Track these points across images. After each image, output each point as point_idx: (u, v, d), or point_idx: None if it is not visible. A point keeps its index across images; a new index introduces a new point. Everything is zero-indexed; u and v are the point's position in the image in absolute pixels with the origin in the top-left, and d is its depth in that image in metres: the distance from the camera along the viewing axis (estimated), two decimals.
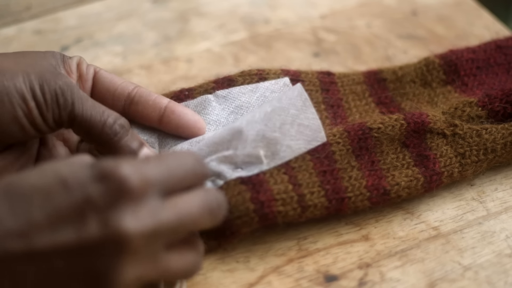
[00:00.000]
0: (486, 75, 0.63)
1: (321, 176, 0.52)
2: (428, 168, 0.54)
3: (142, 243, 0.40)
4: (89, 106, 0.51)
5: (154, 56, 0.71)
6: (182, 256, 0.44)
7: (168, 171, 0.43)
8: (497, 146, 0.56)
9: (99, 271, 0.40)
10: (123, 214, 0.40)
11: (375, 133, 0.55)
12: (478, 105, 0.58)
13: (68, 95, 0.50)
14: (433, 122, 0.56)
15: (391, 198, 0.53)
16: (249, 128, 0.52)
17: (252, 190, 0.51)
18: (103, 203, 0.40)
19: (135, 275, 0.41)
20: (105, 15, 0.76)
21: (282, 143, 0.52)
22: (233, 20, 0.75)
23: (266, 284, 0.50)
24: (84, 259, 0.40)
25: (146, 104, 0.55)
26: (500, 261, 0.51)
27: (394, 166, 0.54)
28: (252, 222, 0.50)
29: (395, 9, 0.77)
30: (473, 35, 0.71)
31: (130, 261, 0.40)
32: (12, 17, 0.76)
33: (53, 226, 0.39)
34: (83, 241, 0.39)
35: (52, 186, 0.40)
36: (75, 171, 0.41)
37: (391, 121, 0.55)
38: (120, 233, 0.39)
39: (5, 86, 0.48)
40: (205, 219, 0.44)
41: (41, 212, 0.40)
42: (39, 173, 0.41)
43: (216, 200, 0.44)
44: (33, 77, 0.49)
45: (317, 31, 0.74)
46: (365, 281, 0.50)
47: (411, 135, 0.56)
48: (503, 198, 0.56)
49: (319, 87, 0.60)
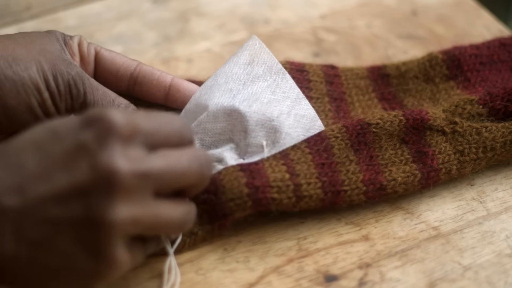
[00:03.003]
0: (489, 71, 0.63)
1: (319, 168, 0.53)
2: (426, 165, 0.54)
3: (133, 183, 0.41)
4: (100, 95, 0.53)
5: (154, 56, 0.71)
6: (174, 205, 0.44)
7: (157, 124, 0.44)
8: (496, 145, 0.56)
9: (94, 213, 0.40)
10: (113, 154, 0.40)
11: (374, 128, 0.55)
12: (479, 103, 0.58)
13: (80, 86, 0.52)
14: (433, 119, 0.56)
15: (387, 193, 0.54)
16: (248, 118, 0.53)
17: (248, 176, 0.51)
18: (93, 145, 0.40)
19: (129, 215, 0.41)
20: (105, 15, 0.76)
21: (281, 131, 0.53)
22: (233, 20, 0.75)
23: (266, 284, 0.50)
24: (79, 203, 0.40)
25: (150, 84, 0.56)
26: (500, 261, 0.51)
27: (392, 162, 0.54)
28: (246, 206, 0.50)
29: (395, 9, 0.77)
30: (473, 35, 0.71)
31: (123, 200, 0.40)
32: (12, 17, 0.76)
33: (47, 175, 0.40)
34: (76, 185, 0.40)
35: (43, 137, 0.41)
36: (64, 121, 0.42)
37: (390, 117, 0.55)
38: (111, 172, 0.40)
39: (20, 77, 0.50)
40: (193, 171, 0.44)
41: (34, 163, 0.40)
42: (30, 130, 0.42)
43: (204, 157, 0.45)
44: (46, 67, 0.51)
45: (317, 31, 0.74)
46: (365, 281, 0.50)
47: (410, 132, 0.56)
48: (503, 198, 0.56)
49: (324, 79, 0.60)
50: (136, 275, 0.50)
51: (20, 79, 0.50)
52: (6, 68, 0.49)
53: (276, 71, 0.57)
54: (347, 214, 0.54)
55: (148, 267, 0.50)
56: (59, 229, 0.40)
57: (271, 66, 0.57)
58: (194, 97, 0.56)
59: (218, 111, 0.54)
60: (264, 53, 0.57)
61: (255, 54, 0.57)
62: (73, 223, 0.40)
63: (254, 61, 0.57)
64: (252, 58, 0.57)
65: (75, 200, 0.40)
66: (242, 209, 0.51)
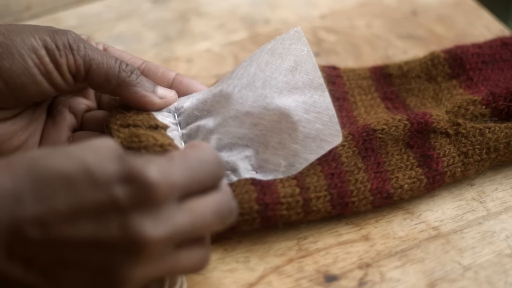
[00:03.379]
0: (492, 70, 0.63)
1: (329, 179, 0.52)
2: (431, 168, 0.54)
3: (158, 248, 0.41)
4: (102, 53, 0.52)
5: (154, 56, 0.71)
6: (190, 253, 0.44)
7: (191, 175, 0.43)
8: (499, 145, 0.56)
9: (111, 267, 0.40)
10: (145, 219, 0.40)
11: (379, 134, 0.55)
12: (482, 103, 0.58)
13: (80, 42, 0.52)
14: (437, 121, 0.56)
15: (393, 201, 0.54)
16: (272, 134, 0.52)
17: (259, 191, 0.51)
18: (127, 205, 0.40)
19: (144, 274, 0.41)
20: (105, 15, 0.76)
21: (300, 155, 0.52)
22: (233, 20, 0.75)
23: (266, 284, 0.50)
24: (99, 254, 0.40)
25: (155, 76, 0.56)
26: (500, 261, 0.51)
27: (398, 168, 0.54)
28: (254, 222, 0.50)
29: (395, 9, 0.77)
30: (473, 35, 0.71)
31: (144, 262, 0.41)
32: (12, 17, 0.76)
33: (73, 218, 0.39)
34: (101, 239, 0.40)
35: (77, 176, 0.40)
36: (102, 164, 0.40)
37: (394, 122, 0.55)
38: (139, 239, 0.40)
39: (12, 40, 0.49)
40: (216, 224, 0.44)
41: (63, 202, 0.39)
42: (65, 158, 0.40)
43: (228, 207, 0.45)
44: (41, 32, 0.51)
45: (317, 31, 0.74)
46: (365, 281, 0.50)
47: (415, 136, 0.55)
48: (503, 198, 0.56)
49: (325, 79, 0.60)
50: None
51: (12, 41, 0.49)
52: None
53: (316, 86, 0.52)
54: (347, 214, 0.54)
55: None
56: (72, 271, 0.40)
57: (312, 79, 0.52)
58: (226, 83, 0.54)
59: (246, 118, 0.52)
60: (309, 63, 0.53)
61: (299, 62, 0.53)
62: (88, 269, 0.40)
63: (297, 69, 0.53)
64: (295, 66, 0.53)
65: (96, 251, 0.40)
66: (250, 224, 0.51)
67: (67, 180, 0.40)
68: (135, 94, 0.53)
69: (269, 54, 0.54)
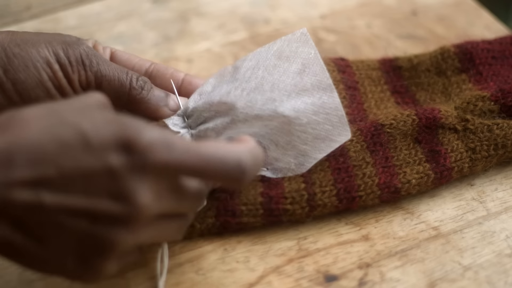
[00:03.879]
0: (501, 66, 0.63)
1: (336, 174, 0.53)
2: (438, 164, 0.54)
3: (152, 218, 0.41)
4: (114, 66, 0.53)
5: (154, 56, 0.71)
6: (172, 222, 0.45)
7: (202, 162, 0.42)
8: (507, 142, 0.56)
9: (102, 235, 0.40)
10: (141, 190, 0.40)
11: (388, 129, 0.55)
12: (491, 99, 0.58)
13: (92, 57, 0.52)
14: (445, 117, 0.56)
15: (400, 195, 0.54)
16: (282, 135, 0.52)
17: (266, 187, 0.52)
18: (123, 175, 0.39)
19: (132, 241, 0.41)
20: (105, 15, 0.76)
21: (310, 155, 0.53)
22: (233, 20, 0.75)
23: (266, 284, 0.50)
24: (91, 222, 0.40)
25: (164, 78, 0.57)
26: (500, 261, 0.51)
27: (406, 163, 0.55)
28: (256, 213, 0.51)
29: (395, 9, 0.77)
30: (473, 35, 0.71)
31: (133, 230, 0.41)
32: (12, 17, 0.76)
33: (65, 185, 0.39)
34: (94, 208, 0.39)
35: (71, 140, 0.39)
36: (98, 130, 0.40)
37: (403, 117, 0.55)
38: (135, 209, 0.40)
39: (28, 52, 0.50)
40: (195, 210, 0.46)
41: (56, 168, 0.39)
42: (60, 124, 0.40)
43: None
44: (55, 44, 0.51)
45: (317, 31, 0.74)
46: (365, 281, 0.50)
47: (423, 131, 0.56)
48: (503, 198, 0.56)
49: (335, 68, 0.60)
50: (136, 275, 0.50)
51: (28, 54, 0.50)
52: (14, 47, 0.50)
53: (324, 86, 0.52)
54: (347, 214, 0.54)
55: (148, 267, 0.50)
56: (61, 235, 0.40)
57: (321, 81, 0.52)
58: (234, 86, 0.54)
59: (255, 121, 0.52)
60: (317, 65, 0.53)
61: (307, 64, 0.53)
62: (78, 236, 0.40)
63: (305, 72, 0.53)
64: (303, 68, 0.53)
65: (88, 219, 0.40)
66: (252, 216, 0.51)
67: (60, 144, 0.39)
68: (146, 110, 0.54)
69: (276, 57, 0.54)
